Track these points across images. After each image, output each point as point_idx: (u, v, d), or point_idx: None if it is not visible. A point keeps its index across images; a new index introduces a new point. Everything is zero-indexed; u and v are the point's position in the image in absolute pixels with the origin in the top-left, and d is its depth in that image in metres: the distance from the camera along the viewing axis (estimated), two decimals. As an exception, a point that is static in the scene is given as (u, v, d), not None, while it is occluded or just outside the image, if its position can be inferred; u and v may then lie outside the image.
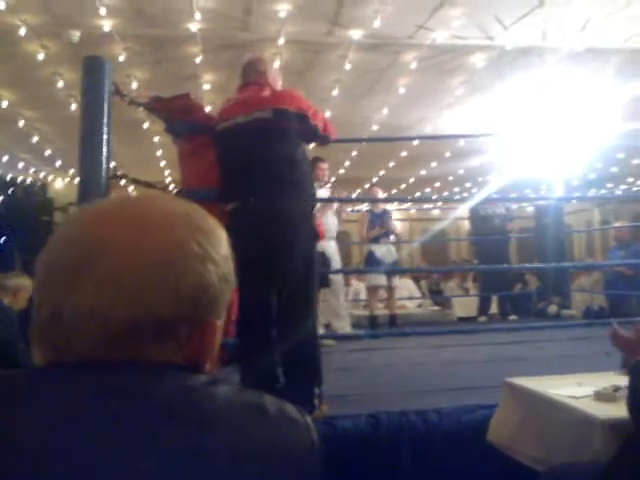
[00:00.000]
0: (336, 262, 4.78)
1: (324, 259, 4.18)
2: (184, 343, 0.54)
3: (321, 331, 4.20)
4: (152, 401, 0.49)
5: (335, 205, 4.68)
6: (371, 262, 5.23)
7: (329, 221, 4.66)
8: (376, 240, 5.23)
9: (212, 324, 0.56)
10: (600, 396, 1.58)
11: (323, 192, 4.63)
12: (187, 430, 0.48)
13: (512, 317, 5.94)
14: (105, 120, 2.76)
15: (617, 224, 6.85)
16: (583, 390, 1.65)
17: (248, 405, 0.52)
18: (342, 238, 5.53)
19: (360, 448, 2.00)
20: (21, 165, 8.51)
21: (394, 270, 5.24)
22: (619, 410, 1.39)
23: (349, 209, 6.37)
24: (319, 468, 0.53)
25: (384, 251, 5.24)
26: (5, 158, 7.95)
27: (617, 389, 1.57)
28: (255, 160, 2.30)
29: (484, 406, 2.10)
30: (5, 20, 4.02)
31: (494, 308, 6.28)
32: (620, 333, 1.50)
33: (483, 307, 6.21)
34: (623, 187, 10.07)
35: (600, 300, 6.52)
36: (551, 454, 1.57)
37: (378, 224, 5.25)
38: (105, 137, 2.75)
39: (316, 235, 2.44)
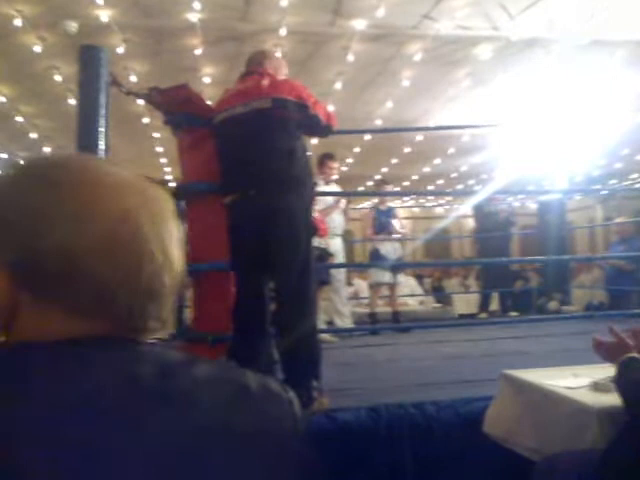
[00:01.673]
0: (341, 260, 4.73)
1: (325, 255, 4.13)
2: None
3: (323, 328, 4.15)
4: (131, 384, 0.47)
5: (342, 203, 4.62)
6: (376, 260, 5.19)
7: (335, 218, 4.60)
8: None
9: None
10: (596, 387, 1.58)
11: (329, 189, 4.56)
12: (170, 412, 0.47)
13: (513, 313, 5.93)
14: (102, 112, 2.69)
15: (619, 220, 6.78)
16: (579, 381, 1.66)
17: (230, 382, 0.52)
18: (345, 236, 5.47)
19: (360, 440, 2.02)
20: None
21: (399, 266, 5.20)
22: (615, 400, 1.39)
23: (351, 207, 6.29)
24: (301, 442, 0.53)
25: (389, 249, 5.19)
26: (3, 156, 7.87)
27: (614, 379, 1.54)
28: (254, 152, 2.27)
29: (481, 398, 2.12)
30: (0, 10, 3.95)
31: (495, 305, 6.26)
32: (601, 341, 1.52)
33: (483, 303, 6.18)
34: (627, 184, 10.00)
35: (601, 297, 6.48)
36: (547, 444, 1.57)
37: (383, 222, 5.19)
38: (102, 129, 2.68)
39: (314, 230, 2.40)
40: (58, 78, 5.05)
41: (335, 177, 4.57)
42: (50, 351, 0.48)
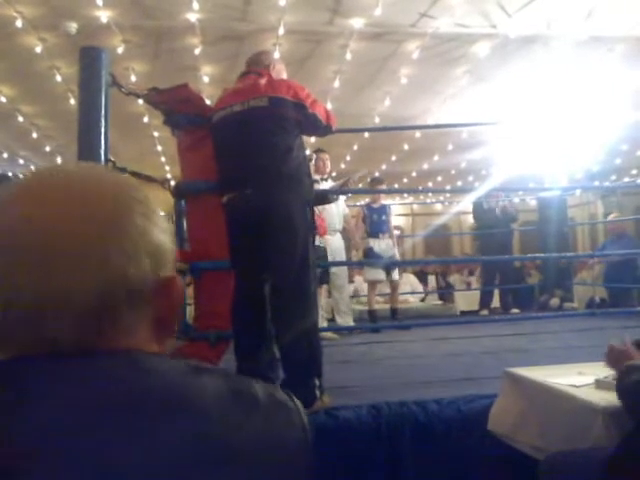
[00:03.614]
0: (342, 258, 4.72)
1: (323, 253, 4.13)
2: (152, 306, 0.52)
3: (325, 325, 4.16)
4: (141, 398, 0.46)
5: (342, 202, 4.63)
6: (370, 257, 5.15)
7: (333, 214, 4.59)
8: (375, 235, 5.15)
9: (173, 279, 0.54)
10: (601, 384, 1.56)
11: (326, 185, 4.56)
12: (180, 426, 0.46)
13: (514, 310, 5.90)
14: (103, 112, 2.71)
15: (612, 216, 6.75)
16: (584, 379, 1.65)
17: (238, 394, 0.51)
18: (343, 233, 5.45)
19: (362, 438, 2.01)
20: (21, 162, 8.47)
21: (391, 263, 5.15)
22: None
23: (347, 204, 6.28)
24: (311, 451, 0.53)
25: (383, 246, 5.16)
26: (4, 155, 7.90)
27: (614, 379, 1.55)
28: (251, 151, 2.27)
29: (484, 396, 2.12)
30: (0, 12, 3.97)
31: (496, 302, 6.25)
32: (613, 347, 1.51)
33: (485, 301, 6.17)
34: (627, 180, 9.99)
35: (602, 293, 6.49)
36: (551, 442, 1.56)
37: (376, 220, 5.15)
38: (103, 130, 2.70)
39: (313, 228, 2.40)
40: (59, 78, 5.07)
41: (333, 173, 4.54)
42: (39, 364, 0.46)
